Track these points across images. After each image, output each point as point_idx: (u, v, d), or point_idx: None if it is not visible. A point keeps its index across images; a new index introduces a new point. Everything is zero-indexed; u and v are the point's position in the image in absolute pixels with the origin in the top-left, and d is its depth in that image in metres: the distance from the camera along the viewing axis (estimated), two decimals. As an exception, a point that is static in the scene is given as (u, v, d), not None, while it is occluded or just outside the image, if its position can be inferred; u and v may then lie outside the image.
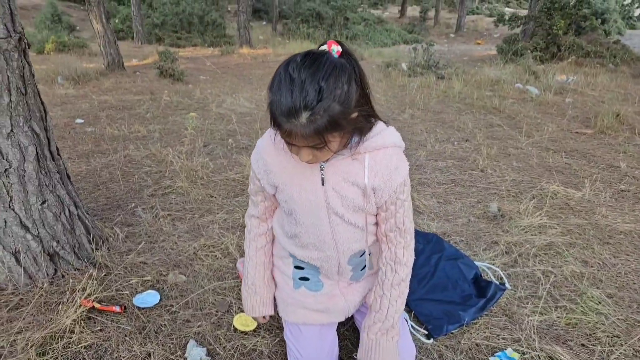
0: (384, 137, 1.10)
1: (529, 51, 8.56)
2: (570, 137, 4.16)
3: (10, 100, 1.56)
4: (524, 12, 11.10)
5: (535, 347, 1.55)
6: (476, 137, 4.08)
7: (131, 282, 1.82)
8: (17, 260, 1.68)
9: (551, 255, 2.15)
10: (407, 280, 1.25)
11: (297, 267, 1.35)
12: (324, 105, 0.86)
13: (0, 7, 1.52)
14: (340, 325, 1.62)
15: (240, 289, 1.84)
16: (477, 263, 2.03)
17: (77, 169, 3.01)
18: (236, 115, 4.67)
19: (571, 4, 9.49)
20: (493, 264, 2.06)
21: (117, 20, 15.08)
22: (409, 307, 1.75)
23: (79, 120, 4.22)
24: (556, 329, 1.65)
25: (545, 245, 2.21)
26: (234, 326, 1.63)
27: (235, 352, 1.52)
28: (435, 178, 3.11)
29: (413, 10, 27.31)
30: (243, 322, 1.65)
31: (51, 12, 12.42)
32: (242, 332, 1.61)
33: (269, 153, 1.18)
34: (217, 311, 1.71)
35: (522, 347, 1.56)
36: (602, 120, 4.45)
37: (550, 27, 9.01)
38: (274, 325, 1.65)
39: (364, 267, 1.34)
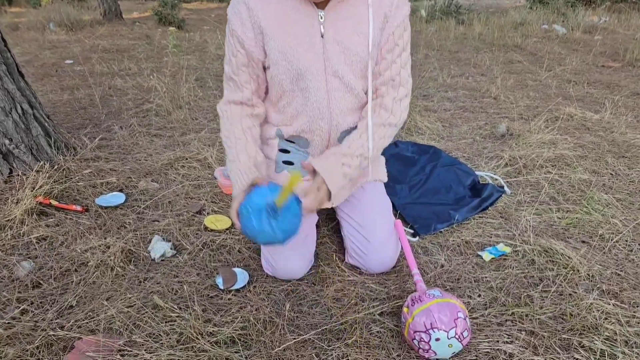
0: None
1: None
2: (595, 70, 3.82)
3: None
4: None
5: (530, 242, 1.37)
6: (492, 72, 3.79)
7: (95, 183, 1.71)
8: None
9: (560, 166, 1.94)
10: (388, 132, 1.12)
11: (282, 151, 1.23)
12: None
13: None
14: (321, 225, 1.49)
15: (215, 194, 1.72)
16: (477, 173, 1.84)
17: (58, 98, 2.90)
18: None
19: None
20: (495, 174, 1.86)
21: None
22: (396, 211, 1.59)
23: (68, 61, 4.10)
24: (555, 228, 1.47)
25: (554, 158, 2.00)
26: (204, 225, 1.50)
27: (203, 247, 1.40)
28: (443, 105, 2.88)
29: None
30: (215, 221, 1.53)
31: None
32: (212, 230, 1.49)
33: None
34: (188, 211, 1.59)
35: (516, 242, 1.38)
36: (632, 52, 4.08)
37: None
38: (247, 226, 1.52)
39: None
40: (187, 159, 2.00)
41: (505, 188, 1.71)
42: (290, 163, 1.24)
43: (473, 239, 1.41)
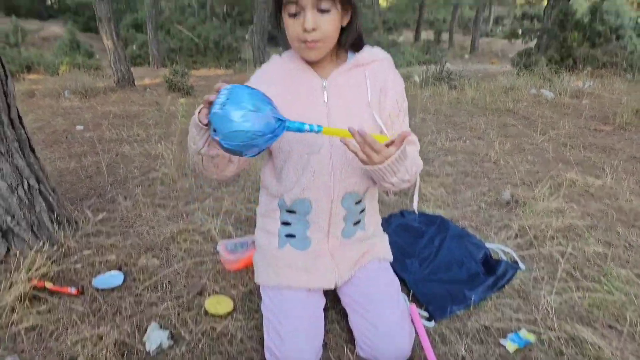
0: (375, 51, 1.14)
1: (542, 58, 8.31)
2: (589, 134, 3.89)
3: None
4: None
5: (554, 327, 1.30)
6: (489, 135, 3.85)
7: (93, 262, 1.64)
8: (-38, 235, 1.53)
9: (571, 237, 1.89)
10: (417, 163, 1.10)
11: (284, 224, 1.21)
12: None
13: None
14: (329, 307, 1.41)
15: (217, 272, 1.65)
16: (487, 245, 1.79)
17: (65, 166, 2.89)
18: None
19: (585, 20, 9.25)
20: (505, 246, 1.81)
21: (134, 47, 15.47)
22: (407, 288, 1.52)
23: (79, 127, 4.16)
24: (578, 310, 1.40)
25: (564, 228, 1.96)
26: (205, 309, 1.42)
27: (203, 336, 1.31)
28: (444, 170, 2.89)
29: (428, 34, 27.41)
30: (216, 304, 1.45)
31: (69, 39, 12.75)
32: (214, 315, 1.40)
33: (272, 71, 1.14)
34: (188, 293, 1.51)
35: (539, 328, 1.30)
36: (622, 116, 4.18)
37: (564, 39, 8.77)
38: (251, 309, 1.45)
39: (358, 221, 1.22)
40: (189, 231, 1.94)
41: (520, 263, 1.65)
42: (292, 236, 1.21)
43: (493, 324, 1.33)
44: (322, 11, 0.97)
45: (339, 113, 1.09)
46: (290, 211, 1.19)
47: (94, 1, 6.72)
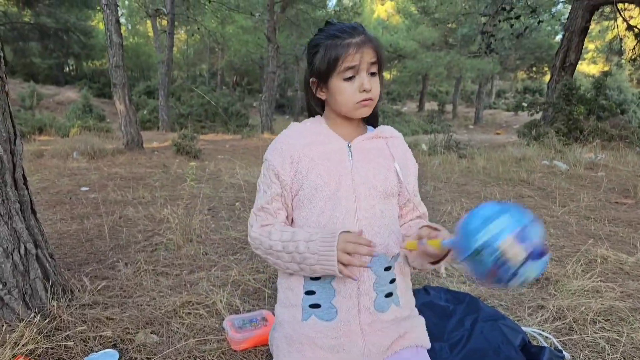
0: (390, 129, 1.21)
1: (551, 130, 8.39)
2: (610, 207, 3.77)
3: (-32, 114, 1.37)
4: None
5: None
6: (505, 206, 3.73)
7: (86, 337, 1.47)
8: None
9: (614, 321, 1.71)
10: None
11: (308, 293, 1.11)
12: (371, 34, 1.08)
13: None
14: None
15: (222, 352, 1.47)
16: (523, 328, 1.61)
17: (66, 228, 2.78)
18: (249, 184, 4.50)
19: (588, 95, 9.50)
20: (543, 331, 1.63)
21: (145, 112, 15.98)
22: (438, 380, 1.33)
23: (83, 188, 4.11)
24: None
25: (605, 310, 1.78)
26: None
27: None
28: (463, 242, 2.74)
29: (431, 105, 28.34)
30: (220, 394, 1.26)
31: (83, 104, 13.28)
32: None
33: (302, 129, 1.17)
34: (188, 379, 1.33)
35: None
36: (644, 190, 4.08)
37: (570, 112, 8.94)
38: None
39: (390, 294, 1.11)
40: (193, 304, 1.78)
41: (564, 352, 1.46)
42: (317, 306, 1.09)
43: None
44: (372, 74, 1.08)
45: (364, 169, 1.11)
46: (314, 277, 1.08)
47: (110, 68, 7.00)
